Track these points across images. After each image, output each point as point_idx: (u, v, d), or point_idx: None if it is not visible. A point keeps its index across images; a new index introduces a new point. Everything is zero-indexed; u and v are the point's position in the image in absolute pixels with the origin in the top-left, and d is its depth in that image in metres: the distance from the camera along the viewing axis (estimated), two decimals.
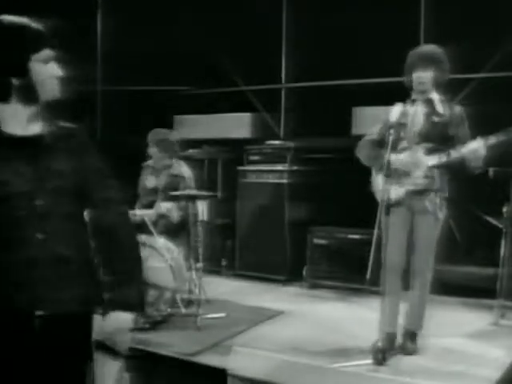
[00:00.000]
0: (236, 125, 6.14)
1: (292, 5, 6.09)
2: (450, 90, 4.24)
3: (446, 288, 4.65)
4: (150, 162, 4.91)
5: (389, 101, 3.65)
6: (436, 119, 3.45)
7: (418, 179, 3.44)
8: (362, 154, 3.65)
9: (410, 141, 3.46)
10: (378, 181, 3.53)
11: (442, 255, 3.72)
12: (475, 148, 3.27)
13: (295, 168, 5.82)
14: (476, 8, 4.93)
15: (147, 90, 6.42)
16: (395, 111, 3.52)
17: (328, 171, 5.73)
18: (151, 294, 4.00)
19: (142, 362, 3.35)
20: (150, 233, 4.31)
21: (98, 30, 7.09)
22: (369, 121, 4.56)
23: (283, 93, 6.33)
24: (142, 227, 4.37)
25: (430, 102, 3.50)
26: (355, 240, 5.26)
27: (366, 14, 5.44)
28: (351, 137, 5.38)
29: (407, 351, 3.59)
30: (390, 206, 3.39)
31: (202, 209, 5.40)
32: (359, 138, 3.79)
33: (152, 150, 4.77)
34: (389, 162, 3.35)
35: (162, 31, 6.24)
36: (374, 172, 3.63)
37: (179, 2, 6.19)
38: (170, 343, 3.75)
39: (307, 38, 5.91)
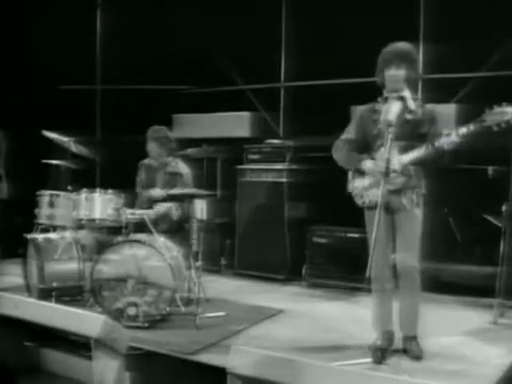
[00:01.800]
0: (235, 124, 6.14)
1: (291, 4, 6.10)
2: (450, 87, 4.22)
3: (446, 286, 4.67)
4: (146, 161, 4.89)
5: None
6: (408, 117, 3.43)
7: (394, 178, 3.39)
8: (337, 155, 3.61)
9: (383, 138, 3.42)
10: (355, 183, 3.53)
11: (441, 254, 3.76)
12: (447, 142, 3.26)
13: (294, 167, 5.82)
14: (475, 7, 4.95)
15: (146, 90, 6.43)
16: (369, 110, 3.53)
17: (327, 170, 5.10)
18: (150, 293, 4.01)
19: (141, 360, 3.34)
20: (149, 232, 4.30)
21: (97, 28, 7.10)
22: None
23: (282, 92, 6.32)
24: (141, 226, 4.37)
25: (402, 100, 3.47)
26: (355, 239, 5.24)
27: (366, 13, 5.48)
28: None
29: (414, 355, 3.52)
30: (369, 208, 3.44)
31: (202, 208, 5.39)
32: None
33: (150, 147, 4.75)
34: (362, 161, 3.39)
35: (161, 30, 6.26)
36: (350, 174, 3.60)
37: (179, 1, 6.21)
38: (170, 342, 3.74)
39: (306, 37, 5.92)
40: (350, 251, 5.19)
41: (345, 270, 5.22)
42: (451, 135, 3.24)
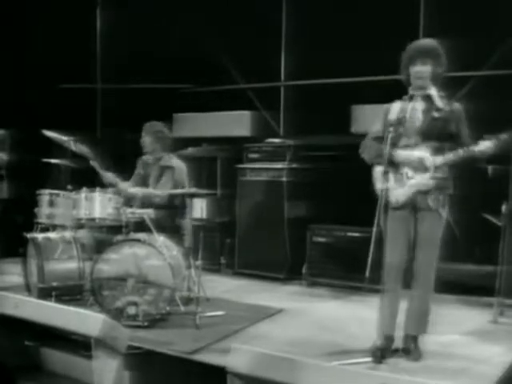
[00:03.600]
0: (236, 123, 6.14)
1: (292, 2, 6.10)
2: (450, 87, 4.24)
3: (445, 286, 4.65)
4: (144, 157, 4.86)
5: (388, 99, 3.63)
6: (436, 115, 3.41)
7: (425, 180, 3.41)
8: (367, 153, 3.59)
9: (410, 138, 3.43)
10: (382, 182, 3.49)
11: (441, 253, 3.70)
12: (486, 149, 3.27)
13: (294, 166, 5.81)
14: (476, 5, 4.95)
15: (147, 88, 6.42)
16: (394, 108, 3.50)
17: (327, 169, 5.74)
18: (150, 292, 4.02)
19: (141, 359, 3.35)
20: (149, 231, 4.30)
21: (97, 26, 7.10)
22: (368, 119, 4.56)
23: (283, 91, 6.31)
24: (141, 225, 4.36)
25: (428, 98, 3.45)
26: (355, 238, 5.25)
27: (366, 11, 5.48)
28: (350, 135, 5.43)
29: (413, 357, 3.51)
30: (394, 208, 3.41)
31: (201, 207, 5.62)
32: (358, 136, 3.78)
33: (145, 141, 4.73)
34: (388, 160, 3.34)
35: (162, 29, 6.27)
36: (376, 172, 3.56)
37: None
38: (169, 341, 3.74)
39: (307, 35, 5.93)
40: (350, 250, 5.19)
41: (345, 269, 5.22)
42: (489, 142, 3.25)
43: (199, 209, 5.45)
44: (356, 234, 5.24)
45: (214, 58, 6.13)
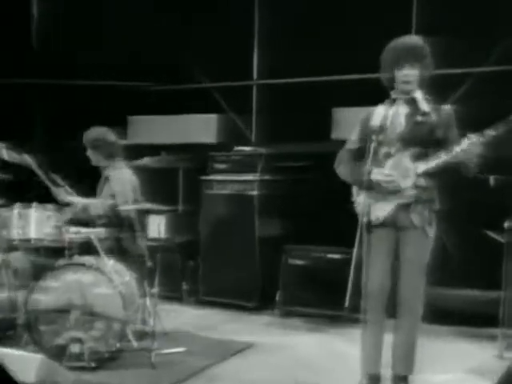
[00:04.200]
0: (200, 128, 6.16)
1: None
2: (445, 86, 4.40)
3: (442, 316, 4.69)
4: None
5: (374, 100, 3.64)
6: (420, 119, 3.44)
7: (406, 191, 3.41)
8: (341, 169, 3.62)
9: (392, 146, 3.46)
10: (360, 198, 3.49)
11: (435, 277, 3.78)
12: (468, 146, 3.25)
13: (268, 178, 5.85)
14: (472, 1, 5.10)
15: (96, 86, 6.36)
16: (376, 114, 3.51)
17: (305, 181, 5.81)
18: (98, 327, 3.96)
19: None
20: (97, 253, 4.24)
21: (33, 16, 6.99)
22: (351, 123, 4.39)
23: (255, 91, 6.31)
24: (87, 247, 4.30)
25: (413, 101, 3.48)
26: (336, 260, 5.26)
27: (349, 4, 5.59)
28: (331, 141, 5.47)
29: None
30: (374, 226, 3.39)
31: (159, 224, 5.55)
32: (340, 142, 3.80)
33: (88, 153, 4.72)
34: (370, 174, 3.36)
35: (114, 16, 6.24)
36: (355, 190, 3.57)
37: None
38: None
39: (283, 29, 5.95)
40: (330, 274, 5.17)
41: (324, 296, 5.23)
42: (472, 139, 3.24)
43: (156, 227, 5.38)
44: (337, 256, 5.25)
45: (177, 52, 6.16)
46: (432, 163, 3.36)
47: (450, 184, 3.56)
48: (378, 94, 3.61)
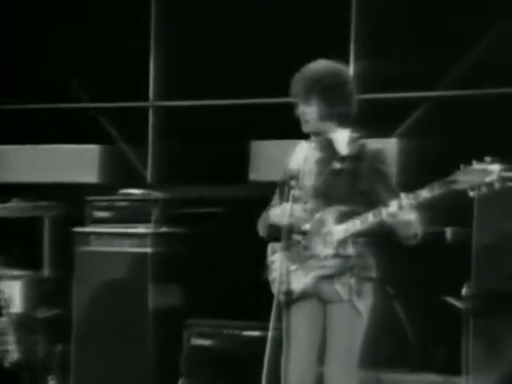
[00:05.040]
0: (76, 163, 5.97)
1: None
2: (387, 118, 4.75)
3: None
4: None
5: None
6: (337, 166, 3.43)
7: (326, 260, 3.41)
8: (263, 232, 3.60)
9: (306, 201, 3.48)
10: (275, 264, 3.50)
11: (384, 358, 4.06)
12: (394, 211, 3.25)
13: (165, 230, 5.63)
14: (428, 17, 5.24)
15: None
16: (298, 152, 3.57)
17: (214, 235, 5.60)
18: None
19: None
20: None
21: None
22: (275, 161, 4.59)
23: (152, 115, 6.15)
24: None
25: (327, 144, 3.50)
26: (253, 339, 5.10)
27: (268, 14, 5.68)
28: (249, 184, 5.50)
29: None
30: (292, 300, 3.40)
31: (14, 294, 5.33)
32: (259, 185, 4.10)
33: None
34: (288, 232, 3.39)
35: None
36: (269, 250, 3.57)
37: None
38: None
39: (186, 42, 5.98)
40: (245, 357, 5.05)
41: None
42: (402, 201, 3.25)
43: (9, 297, 5.21)
44: (255, 334, 5.08)
45: (50, 64, 6.10)
46: (353, 227, 3.36)
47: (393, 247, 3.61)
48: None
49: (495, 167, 3.14)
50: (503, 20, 5.02)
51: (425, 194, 3.22)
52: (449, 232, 4.84)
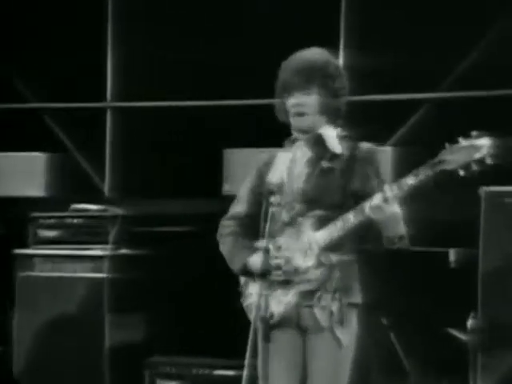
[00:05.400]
0: (17, 173, 5.82)
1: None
2: (385, 118, 4.86)
3: None
4: None
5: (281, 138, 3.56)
6: (327, 165, 3.38)
7: (307, 273, 3.33)
8: (223, 246, 3.53)
9: (290, 209, 3.40)
10: (249, 288, 3.44)
11: None
12: (378, 203, 3.20)
13: (124, 252, 5.57)
14: (427, 13, 5.25)
15: None
16: (277, 162, 3.49)
17: (181, 258, 5.53)
18: None
19: None
20: None
21: None
22: (249, 171, 4.51)
23: (110, 118, 5.95)
24: None
25: (318, 141, 3.43)
26: (225, 379, 5.13)
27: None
28: (221, 198, 5.33)
29: None
30: (270, 327, 3.31)
31: None
32: (233, 199, 3.73)
33: None
34: (267, 251, 3.28)
35: None
36: (242, 278, 3.51)
37: None
38: None
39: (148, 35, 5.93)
40: None
41: None
42: (386, 193, 3.20)
43: None
44: (229, 373, 5.07)
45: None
46: (337, 231, 3.30)
47: (387, 262, 3.87)
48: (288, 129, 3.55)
49: (484, 141, 3.11)
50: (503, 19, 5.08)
51: (410, 181, 3.17)
52: (452, 253, 4.79)
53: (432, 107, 5.32)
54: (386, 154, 5.04)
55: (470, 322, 4.44)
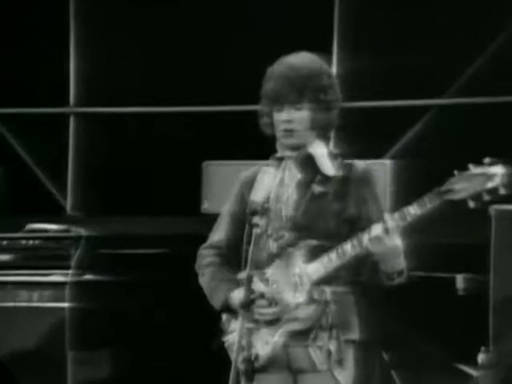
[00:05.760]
0: None
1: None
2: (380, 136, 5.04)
3: None
4: None
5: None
6: (318, 190, 3.30)
7: (298, 310, 3.22)
8: (202, 278, 3.40)
9: (277, 238, 3.30)
10: (231, 326, 3.31)
11: None
12: (378, 234, 3.11)
13: (89, 278, 5.57)
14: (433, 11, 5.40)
15: None
16: (263, 181, 3.35)
17: (154, 285, 5.54)
18: None
19: None
20: None
21: None
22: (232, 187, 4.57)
23: (73, 125, 6.04)
24: None
25: (308, 162, 3.34)
26: None
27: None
28: (200, 217, 5.44)
29: None
30: (255, 370, 3.19)
31: None
32: (215, 218, 3.57)
33: None
34: (250, 280, 3.15)
35: None
36: (224, 314, 3.39)
37: None
38: None
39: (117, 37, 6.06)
40: None
41: None
42: (387, 223, 3.10)
43: None
44: None
45: None
46: (331, 263, 3.20)
47: (396, 291, 3.45)
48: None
49: (498, 169, 3.00)
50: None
51: (413, 211, 3.09)
52: (460, 280, 4.87)
53: (432, 117, 5.42)
54: (384, 167, 5.14)
55: (481, 357, 4.46)
